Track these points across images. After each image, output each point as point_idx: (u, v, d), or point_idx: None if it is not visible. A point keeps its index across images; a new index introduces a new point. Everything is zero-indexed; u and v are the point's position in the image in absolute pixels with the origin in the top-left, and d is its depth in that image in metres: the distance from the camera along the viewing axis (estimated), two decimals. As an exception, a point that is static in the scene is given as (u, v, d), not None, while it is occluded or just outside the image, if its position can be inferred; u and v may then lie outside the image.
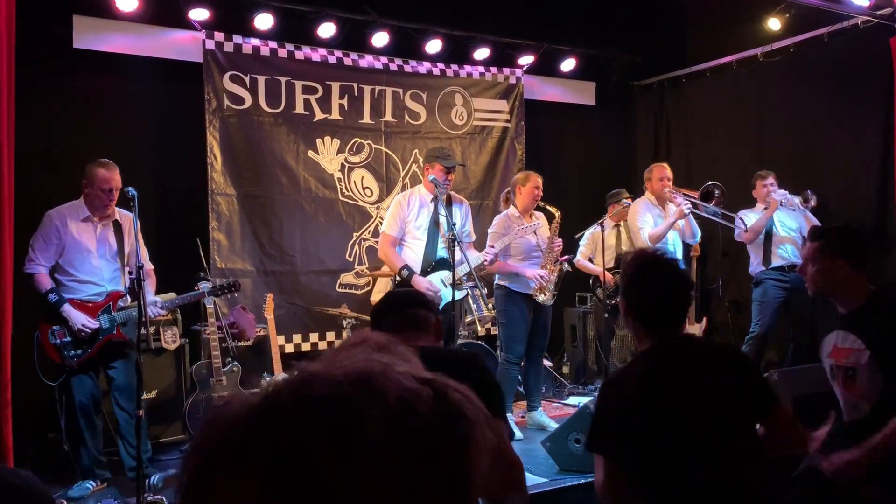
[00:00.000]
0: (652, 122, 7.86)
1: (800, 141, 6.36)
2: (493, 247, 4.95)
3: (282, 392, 0.62)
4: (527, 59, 7.05)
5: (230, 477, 0.59)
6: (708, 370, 2.13)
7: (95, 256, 4.18)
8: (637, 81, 7.82)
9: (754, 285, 5.92)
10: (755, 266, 5.91)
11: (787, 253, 5.77)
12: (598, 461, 2.11)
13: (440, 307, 4.67)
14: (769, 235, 5.84)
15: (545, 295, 5.08)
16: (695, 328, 6.65)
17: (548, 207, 5.31)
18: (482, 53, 6.85)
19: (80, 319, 4.05)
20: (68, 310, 4.05)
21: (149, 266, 4.44)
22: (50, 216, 4.15)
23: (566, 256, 5.34)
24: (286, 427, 0.59)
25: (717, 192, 5.98)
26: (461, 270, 4.73)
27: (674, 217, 5.58)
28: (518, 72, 7.11)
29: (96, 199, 4.16)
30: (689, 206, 5.63)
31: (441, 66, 6.76)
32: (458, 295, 4.81)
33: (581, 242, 6.38)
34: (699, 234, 5.90)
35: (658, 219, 5.73)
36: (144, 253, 4.34)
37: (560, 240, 5.26)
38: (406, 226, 4.93)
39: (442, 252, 4.91)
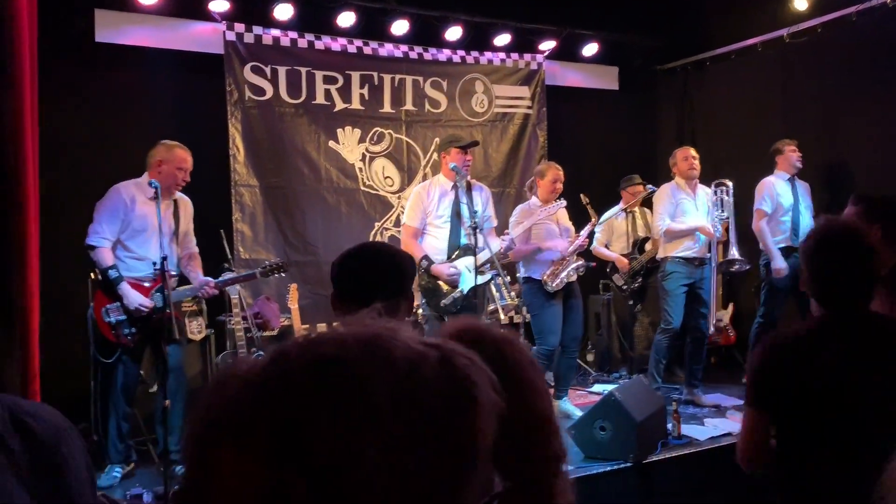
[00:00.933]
0: (675, 107, 7.75)
1: (828, 124, 6.22)
2: (508, 233, 4.94)
3: (290, 352, 0.62)
4: (548, 45, 6.99)
5: (237, 439, 0.59)
6: (884, 354, 1.99)
7: (157, 235, 4.20)
8: (660, 65, 7.71)
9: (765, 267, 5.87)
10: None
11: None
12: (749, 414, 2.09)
13: (463, 293, 4.67)
14: (795, 228, 5.77)
15: (553, 285, 5.05)
16: (722, 314, 6.59)
17: (589, 209, 5.30)
18: (503, 39, 6.80)
19: (136, 299, 4.06)
20: (125, 288, 4.06)
21: (195, 250, 4.51)
22: (118, 190, 4.15)
23: (583, 262, 5.27)
24: (294, 387, 0.59)
25: (743, 268, 5.81)
26: (482, 257, 4.72)
27: (697, 229, 5.48)
28: (539, 57, 7.05)
29: (171, 177, 4.19)
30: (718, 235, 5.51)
31: (461, 53, 6.72)
32: (481, 280, 4.80)
33: (596, 229, 6.35)
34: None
35: (684, 201, 5.61)
36: (192, 238, 4.49)
37: (586, 240, 5.25)
38: (427, 216, 4.91)
39: (465, 240, 4.89)
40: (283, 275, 4.79)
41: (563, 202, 5.13)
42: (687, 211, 5.57)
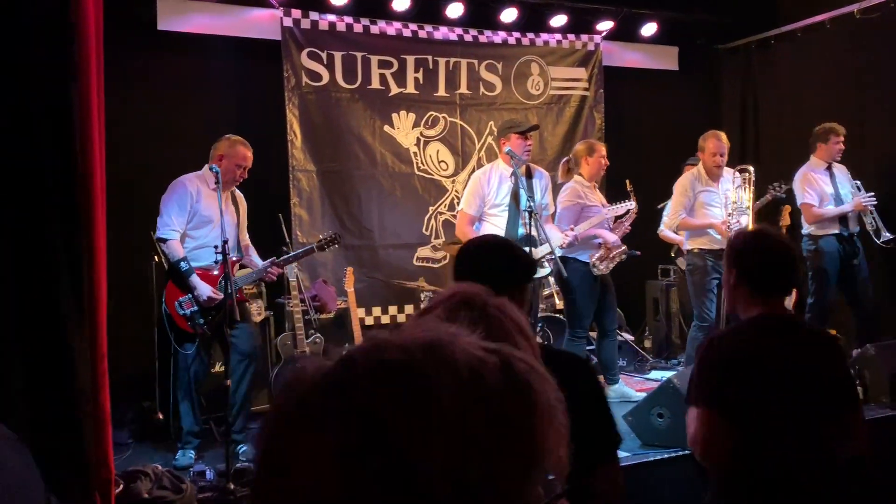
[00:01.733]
0: (738, 88, 7.51)
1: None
2: (572, 229, 4.84)
3: (355, 357, 0.64)
4: (606, 25, 6.85)
5: (306, 438, 0.61)
6: (807, 353, 2.21)
7: (220, 224, 4.28)
8: (722, 44, 7.48)
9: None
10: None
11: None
12: (693, 414, 2.18)
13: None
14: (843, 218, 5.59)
15: (601, 267, 4.96)
16: (786, 301, 6.41)
17: (632, 197, 5.17)
18: (559, 20, 6.70)
19: (206, 291, 4.15)
20: (196, 280, 4.15)
21: (248, 242, 4.64)
22: (183, 183, 4.23)
23: (624, 248, 5.13)
24: (359, 391, 0.61)
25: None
26: (542, 250, 4.66)
27: (711, 226, 5.25)
28: (596, 38, 6.93)
29: (230, 172, 4.26)
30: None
31: (517, 35, 6.65)
32: (540, 273, 4.74)
33: (664, 213, 6.20)
34: None
35: (706, 193, 5.35)
36: (246, 233, 4.60)
37: (629, 228, 5.16)
38: (486, 204, 4.86)
39: (522, 229, 4.83)
40: (337, 246, 4.89)
41: (632, 204, 5.03)
42: (710, 202, 5.32)
